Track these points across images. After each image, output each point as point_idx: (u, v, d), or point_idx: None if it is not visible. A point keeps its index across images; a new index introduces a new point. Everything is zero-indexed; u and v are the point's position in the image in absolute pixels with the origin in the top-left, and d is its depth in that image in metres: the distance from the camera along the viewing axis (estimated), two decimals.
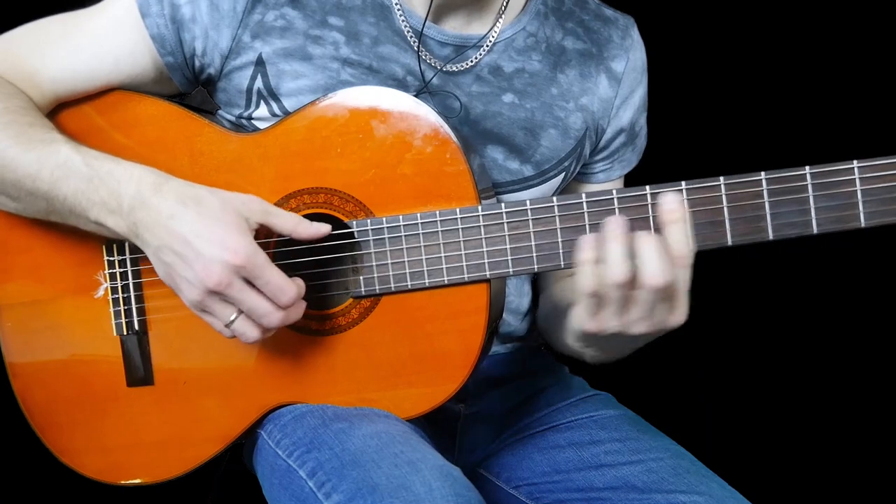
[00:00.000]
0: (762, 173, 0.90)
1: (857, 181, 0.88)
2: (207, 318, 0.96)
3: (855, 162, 0.88)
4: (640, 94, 1.18)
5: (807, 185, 0.89)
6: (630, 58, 1.15)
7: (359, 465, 0.91)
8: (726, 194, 0.90)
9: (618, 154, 1.19)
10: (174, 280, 0.96)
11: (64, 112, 1.08)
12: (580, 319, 0.89)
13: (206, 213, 0.94)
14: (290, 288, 0.94)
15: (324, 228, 0.98)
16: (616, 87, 1.14)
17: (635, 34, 1.17)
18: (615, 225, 0.86)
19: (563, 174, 1.13)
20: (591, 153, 1.17)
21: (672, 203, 0.86)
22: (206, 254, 0.92)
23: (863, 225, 0.88)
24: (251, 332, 0.95)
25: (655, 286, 0.84)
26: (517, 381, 1.19)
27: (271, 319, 0.94)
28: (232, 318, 0.94)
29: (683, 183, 0.91)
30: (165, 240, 0.94)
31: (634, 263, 0.85)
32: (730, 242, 0.91)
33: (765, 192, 0.90)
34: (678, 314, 0.88)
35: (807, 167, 0.89)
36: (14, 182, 1.01)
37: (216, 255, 0.92)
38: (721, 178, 0.91)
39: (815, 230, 0.90)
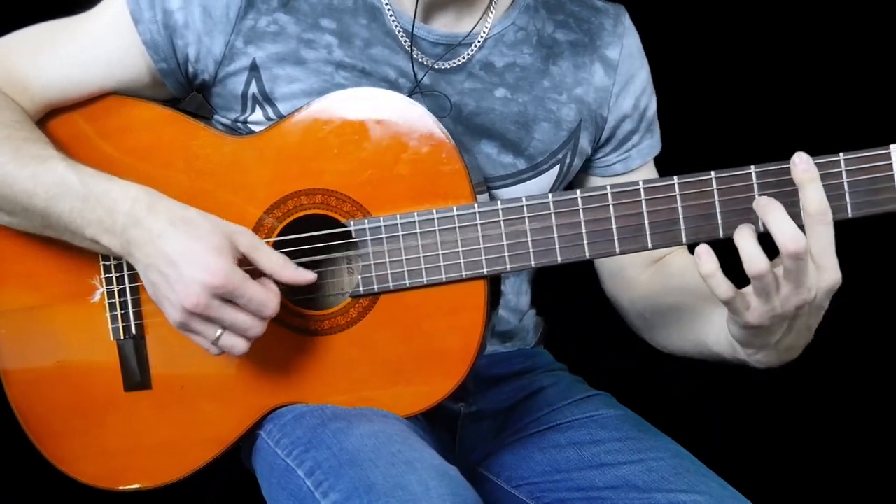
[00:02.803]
0: (752, 167, 0.95)
1: (844, 173, 0.93)
2: (193, 338, 1.01)
3: (841, 154, 0.93)
4: (641, 78, 1.22)
5: None
6: (624, 44, 1.20)
7: (356, 465, 0.95)
8: (717, 188, 0.96)
9: (629, 142, 1.23)
10: (159, 299, 1.01)
11: (57, 118, 1.13)
12: (738, 319, 0.93)
13: (194, 234, 0.99)
14: (272, 300, 0.99)
15: (308, 276, 1.02)
16: (613, 75, 1.19)
17: (627, 21, 1.21)
18: (744, 227, 0.91)
19: (557, 166, 1.18)
20: (599, 145, 1.22)
21: (807, 163, 0.90)
22: (186, 275, 0.97)
23: (850, 215, 0.94)
24: (239, 345, 1.00)
25: (796, 251, 0.88)
26: (517, 381, 1.24)
27: (255, 331, 1.00)
28: (217, 335, 1.00)
29: (675, 177, 0.97)
30: (153, 258, 0.99)
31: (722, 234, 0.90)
32: (721, 235, 0.96)
33: (755, 186, 0.95)
34: (829, 275, 0.90)
35: None
36: (10, 198, 1.06)
37: (195, 276, 0.97)
38: (712, 173, 0.96)
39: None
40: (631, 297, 1.23)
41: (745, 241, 0.91)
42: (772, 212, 0.91)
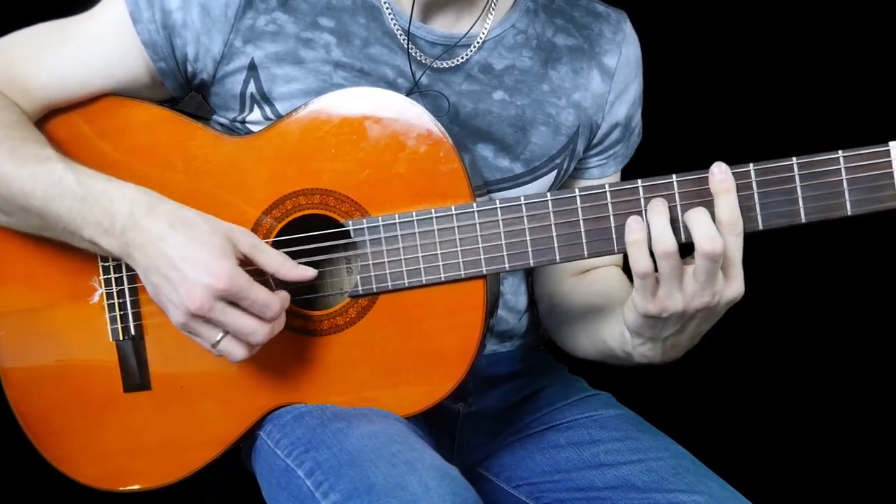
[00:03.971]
0: (750, 165, 0.96)
1: (843, 171, 0.94)
2: (195, 339, 1.02)
3: (840, 152, 0.94)
4: (634, 88, 1.23)
5: (794, 175, 0.96)
6: (623, 52, 1.21)
7: (356, 465, 0.96)
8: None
9: (612, 150, 1.25)
10: (161, 301, 1.02)
11: (55, 119, 1.14)
12: (638, 303, 0.96)
13: (194, 237, 0.99)
14: (275, 302, 1.00)
15: (309, 273, 1.03)
16: (609, 83, 1.20)
17: (628, 28, 1.22)
18: (658, 203, 0.95)
19: (555, 171, 1.19)
20: (586, 149, 1.23)
21: (724, 174, 0.94)
22: (190, 277, 0.98)
23: (849, 213, 0.95)
24: (238, 352, 1.01)
25: (711, 251, 0.91)
26: (517, 381, 1.25)
27: (258, 337, 1.00)
28: (217, 339, 1.00)
29: (675, 176, 0.98)
30: (154, 261, 1.00)
31: (683, 237, 0.94)
32: None
33: (754, 184, 0.96)
34: (734, 286, 0.94)
35: (794, 158, 0.96)
36: (7, 198, 1.06)
37: (199, 279, 0.97)
38: (714, 169, 0.95)
39: (804, 219, 0.96)
40: (552, 296, 1.26)
41: (657, 220, 0.95)
42: (695, 213, 0.94)
